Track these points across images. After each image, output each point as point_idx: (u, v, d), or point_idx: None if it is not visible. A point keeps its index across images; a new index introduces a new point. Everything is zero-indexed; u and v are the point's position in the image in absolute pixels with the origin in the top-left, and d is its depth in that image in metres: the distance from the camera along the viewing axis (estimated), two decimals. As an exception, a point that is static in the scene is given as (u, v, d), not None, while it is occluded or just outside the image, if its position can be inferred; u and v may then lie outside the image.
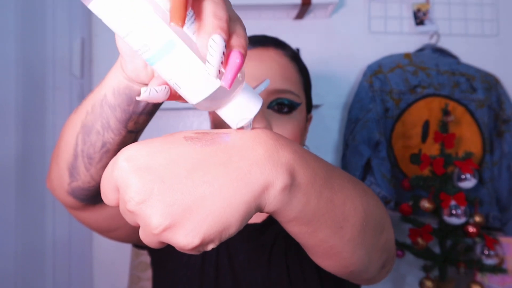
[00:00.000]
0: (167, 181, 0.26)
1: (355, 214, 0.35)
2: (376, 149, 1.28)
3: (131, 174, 0.26)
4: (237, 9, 1.46)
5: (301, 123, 0.61)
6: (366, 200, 0.37)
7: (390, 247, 0.42)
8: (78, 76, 1.33)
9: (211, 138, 0.29)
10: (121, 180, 0.27)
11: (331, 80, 1.41)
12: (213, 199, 0.26)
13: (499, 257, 1.15)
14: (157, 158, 0.27)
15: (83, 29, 1.36)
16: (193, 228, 0.26)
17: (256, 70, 0.58)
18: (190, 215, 0.26)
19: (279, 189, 0.29)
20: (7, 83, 1.09)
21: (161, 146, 0.28)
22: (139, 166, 0.27)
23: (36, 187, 1.19)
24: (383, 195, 1.26)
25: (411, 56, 1.35)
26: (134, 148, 0.28)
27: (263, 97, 0.57)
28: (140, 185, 0.26)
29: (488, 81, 1.34)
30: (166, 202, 0.26)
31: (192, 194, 0.26)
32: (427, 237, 1.15)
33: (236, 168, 0.27)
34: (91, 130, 0.42)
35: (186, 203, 0.26)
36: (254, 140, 0.29)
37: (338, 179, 0.35)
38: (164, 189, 0.26)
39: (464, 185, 1.13)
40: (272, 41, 0.63)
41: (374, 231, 0.38)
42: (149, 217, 0.26)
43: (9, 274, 1.05)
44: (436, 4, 1.42)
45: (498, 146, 1.32)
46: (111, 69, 0.41)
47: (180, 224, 0.26)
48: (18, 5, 1.11)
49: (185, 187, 0.26)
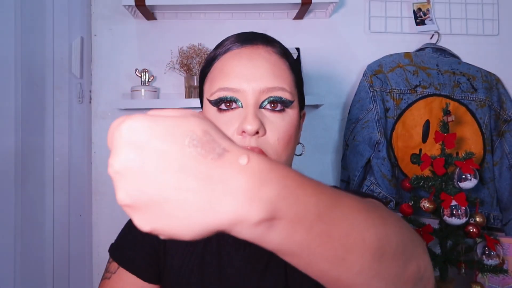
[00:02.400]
0: (149, 168, 0.26)
1: (364, 245, 0.33)
2: (376, 149, 1.28)
3: (124, 144, 0.27)
4: (237, 9, 1.47)
5: (295, 120, 0.60)
6: (383, 228, 0.35)
7: (425, 275, 0.38)
8: (77, 76, 1.33)
9: (217, 154, 0.28)
10: (115, 143, 0.28)
11: (331, 80, 1.41)
12: (177, 208, 0.26)
13: (499, 258, 1.15)
14: (154, 142, 0.27)
15: (82, 29, 1.36)
16: (148, 219, 0.27)
17: (246, 69, 0.58)
18: (150, 208, 0.26)
19: (250, 224, 0.27)
20: (7, 83, 1.09)
21: (166, 131, 0.27)
22: (135, 141, 0.27)
23: (36, 187, 1.19)
24: (383, 195, 1.26)
25: (411, 55, 1.35)
26: (141, 122, 0.27)
27: (254, 97, 0.57)
28: (124, 158, 0.27)
29: (488, 81, 1.34)
30: (137, 187, 0.26)
31: (163, 193, 0.26)
32: (428, 237, 1.15)
33: (211, 190, 0.26)
34: None
35: (153, 197, 0.26)
36: (241, 168, 0.27)
37: (343, 210, 0.33)
38: (142, 174, 0.26)
39: (464, 185, 1.12)
40: (261, 39, 0.62)
41: (396, 260, 0.35)
42: (117, 189, 0.27)
43: (9, 274, 1.04)
44: (437, 4, 1.42)
45: (499, 146, 1.32)
46: None
47: (139, 210, 0.27)
48: (18, 5, 1.11)
49: (161, 184, 0.26)
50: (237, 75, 0.57)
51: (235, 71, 0.58)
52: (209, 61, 0.64)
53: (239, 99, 0.57)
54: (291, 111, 0.59)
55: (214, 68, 0.62)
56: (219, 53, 0.62)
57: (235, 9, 1.35)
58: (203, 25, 1.40)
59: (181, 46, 1.34)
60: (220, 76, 0.59)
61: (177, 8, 1.33)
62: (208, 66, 0.64)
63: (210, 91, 0.60)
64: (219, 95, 0.58)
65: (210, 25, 1.40)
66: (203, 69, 0.65)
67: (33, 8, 1.19)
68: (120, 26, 1.39)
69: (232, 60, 0.59)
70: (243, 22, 1.39)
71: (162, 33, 1.39)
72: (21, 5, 1.12)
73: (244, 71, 0.57)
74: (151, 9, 1.30)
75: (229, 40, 0.62)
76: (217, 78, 0.59)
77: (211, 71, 0.62)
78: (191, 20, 1.40)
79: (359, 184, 1.30)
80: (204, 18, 1.40)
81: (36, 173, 1.20)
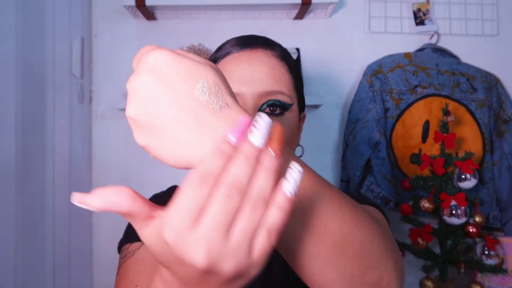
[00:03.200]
0: (160, 95, 0.30)
1: (324, 232, 0.35)
2: (376, 149, 1.28)
3: (147, 69, 0.31)
4: (237, 9, 1.47)
5: (294, 123, 0.61)
6: (352, 227, 0.36)
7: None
8: (78, 76, 1.33)
9: (219, 105, 0.31)
10: (140, 65, 0.31)
11: (331, 80, 1.41)
12: (170, 135, 0.30)
13: (499, 257, 1.15)
14: (172, 75, 0.30)
15: (83, 29, 1.36)
16: (145, 135, 0.31)
17: (245, 72, 0.58)
18: (150, 128, 0.30)
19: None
20: (7, 83, 1.09)
21: (184, 70, 0.31)
22: (156, 69, 0.30)
23: (36, 187, 1.19)
24: (383, 195, 1.26)
25: (411, 56, 1.35)
26: (167, 55, 0.31)
27: (253, 100, 0.57)
28: (143, 80, 0.30)
29: (488, 81, 1.34)
30: (145, 106, 0.30)
31: (164, 119, 0.30)
32: (427, 237, 1.15)
33: (202, 132, 0.30)
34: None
35: (155, 120, 0.30)
36: (233, 125, 0.30)
37: (321, 199, 0.35)
38: (152, 98, 0.30)
39: (464, 185, 1.12)
40: (261, 42, 0.62)
41: (356, 261, 0.36)
42: (129, 102, 0.31)
43: (9, 274, 1.05)
44: (436, 4, 1.42)
45: (498, 146, 1.32)
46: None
47: (140, 126, 0.31)
48: (18, 5, 1.11)
49: (165, 111, 0.30)
50: (236, 79, 0.57)
51: (234, 75, 0.58)
52: None
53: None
54: (290, 114, 0.59)
55: None
56: (218, 56, 0.62)
57: (235, 9, 1.35)
58: (203, 26, 1.40)
59: (181, 46, 1.34)
60: None
61: (177, 9, 1.33)
62: None
63: None
64: None
65: (210, 26, 1.40)
66: None
67: (33, 8, 1.19)
68: (121, 26, 1.39)
69: (231, 64, 0.59)
70: (243, 23, 1.39)
71: (162, 33, 1.39)
72: (22, 5, 1.12)
73: (243, 75, 0.58)
74: (151, 9, 1.30)
75: (229, 44, 0.62)
76: None
77: None
78: (191, 20, 1.40)
79: (359, 184, 1.30)
80: (204, 18, 1.40)
81: (37, 173, 1.20)
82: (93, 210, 0.28)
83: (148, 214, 0.29)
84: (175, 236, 0.26)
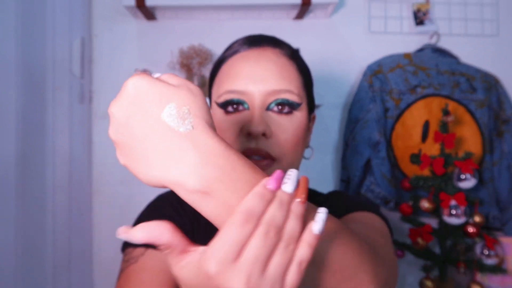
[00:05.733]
0: (131, 120, 0.33)
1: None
2: (376, 149, 1.28)
3: (124, 94, 0.33)
4: (237, 9, 1.47)
5: (303, 123, 0.59)
6: (327, 241, 0.37)
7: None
8: (78, 76, 1.34)
9: (185, 128, 0.33)
10: (121, 91, 0.34)
11: (331, 80, 1.41)
12: (142, 157, 0.33)
13: (499, 257, 1.15)
14: (144, 101, 0.33)
15: (83, 29, 1.36)
16: (123, 155, 0.34)
17: (253, 71, 0.57)
18: (126, 149, 0.34)
19: (187, 189, 0.32)
20: (7, 83, 1.09)
21: (156, 96, 0.33)
22: (132, 95, 0.33)
23: (36, 187, 1.19)
24: (383, 195, 1.26)
25: (411, 56, 1.35)
26: (143, 82, 0.33)
27: (260, 99, 0.57)
28: (118, 105, 0.33)
29: (488, 81, 1.34)
30: (120, 130, 0.33)
31: (135, 142, 0.33)
32: (427, 237, 1.15)
33: (169, 154, 0.32)
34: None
35: (128, 142, 0.33)
36: (195, 145, 0.33)
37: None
38: (125, 121, 0.33)
39: (464, 185, 1.13)
40: (269, 41, 0.62)
41: (332, 274, 0.37)
42: (110, 125, 0.35)
43: (9, 274, 1.05)
44: (436, 4, 1.42)
45: (498, 146, 1.32)
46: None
47: (119, 146, 0.34)
48: (18, 5, 1.11)
49: (135, 135, 0.33)
50: (244, 77, 0.57)
51: (242, 73, 0.57)
52: (217, 64, 0.63)
53: (246, 101, 0.57)
54: (299, 113, 0.59)
55: (222, 71, 0.61)
56: (227, 55, 0.62)
57: (235, 9, 1.35)
58: (203, 26, 1.40)
59: (181, 47, 1.35)
60: (227, 79, 0.59)
61: (177, 9, 1.33)
62: (216, 69, 0.63)
63: (217, 94, 0.60)
64: (226, 98, 0.58)
65: (210, 26, 1.40)
66: (211, 72, 0.65)
67: (33, 8, 1.19)
68: (121, 26, 1.39)
69: (239, 62, 0.59)
70: (243, 23, 1.39)
71: (162, 33, 1.39)
72: (22, 5, 1.12)
73: (251, 73, 0.57)
74: (151, 9, 1.30)
75: (237, 43, 0.62)
76: (224, 80, 0.59)
77: (219, 73, 0.62)
78: (191, 20, 1.40)
79: (359, 184, 1.30)
80: (204, 18, 1.40)
81: (37, 173, 1.20)
82: (137, 242, 0.32)
83: (185, 248, 0.33)
84: (218, 268, 0.29)
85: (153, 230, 0.32)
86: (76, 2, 1.34)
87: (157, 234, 0.32)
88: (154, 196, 0.72)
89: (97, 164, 1.38)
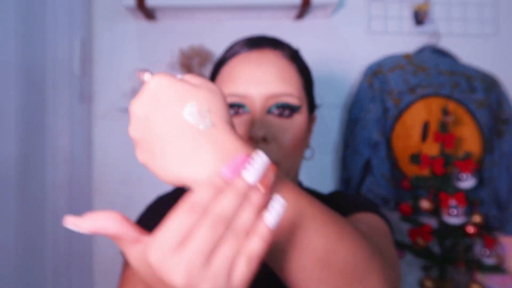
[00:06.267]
0: (153, 118, 0.33)
1: (308, 248, 0.36)
2: (376, 149, 1.29)
3: (147, 93, 0.34)
4: (237, 10, 1.47)
5: (303, 125, 0.59)
6: (335, 244, 0.37)
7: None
8: (78, 76, 1.34)
9: (205, 126, 0.33)
10: (144, 89, 0.35)
11: (331, 80, 1.42)
12: (161, 155, 0.33)
13: (498, 257, 1.15)
14: (166, 100, 0.34)
15: (83, 29, 1.36)
16: (142, 153, 0.35)
17: (253, 73, 0.57)
18: (145, 146, 0.34)
19: (202, 186, 0.32)
20: (7, 83, 1.09)
21: (178, 95, 0.34)
22: (154, 94, 0.34)
23: (36, 187, 1.19)
24: (383, 195, 1.26)
25: (411, 56, 1.35)
26: (165, 81, 0.34)
27: (260, 102, 0.56)
28: (140, 103, 0.34)
29: (487, 81, 1.34)
30: (140, 128, 0.34)
31: (156, 140, 0.33)
32: (427, 237, 1.15)
33: (190, 152, 0.33)
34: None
35: (148, 140, 0.34)
36: (215, 145, 0.33)
37: (303, 216, 0.36)
38: (146, 119, 0.34)
39: (463, 185, 1.13)
40: (270, 42, 0.61)
41: (342, 276, 0.37)
42: (130, 123, 0.35)
43: (9, 274, 1.05)
44: (436, 4, 1.42)
45: (497, 146, 1.32)
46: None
47: (139, 144, 0.35)
48: (18, 5, 1.11)
49: (156, 133, 0.33)
50: (244, 80, 0.57)
51: (242, 76, 0.57)
52: (217, 65, 0.63)
53: (246, 104, 0.57)
54: (299, 116, 0.59)
55: (222, 72, 0.61)
56: (227, 56, 0.61)
57: (235, 9, 1.35)
58: (203, 26, 1.40)
59: (181, 47, 1.35)
60: (228, 81, 0.59)
61: (177, 9, 1.33)
62: (216, 70, 0.63)
63: None
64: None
65: (211, 26, 1.40)
66: (211, 73, 0.65)
67: (33, 8, 1.19)
68: (121, 26, 1.39)
69: (240, 64, 0.58)
70: (243, 23, 1.39)
71: (162, 33, 1.39)
72: (22, 5, 1.12)
73: (251, 76, 0.57)
74: (152, 9, 1.30)
75: (238, 44, 0.61)
76: (225, 83, 0.59)
77: (219, 75, 0.62)
78: (191, 20, 1.40)
79: (359, 184, 1.30)
80: (204, 18, 1.40)
81: (37, 173, 1.20)
82: (85, 232, 0.31)
83: (135, 238, 0.31)
84: (159, 257, 0.27)
85: (100, 220, 0.30)
86: (76, 2, 1.34)
87: (104, 223, 0.30)
88: (154, 196, 0.72)
89: (97, 164, 1.38)
